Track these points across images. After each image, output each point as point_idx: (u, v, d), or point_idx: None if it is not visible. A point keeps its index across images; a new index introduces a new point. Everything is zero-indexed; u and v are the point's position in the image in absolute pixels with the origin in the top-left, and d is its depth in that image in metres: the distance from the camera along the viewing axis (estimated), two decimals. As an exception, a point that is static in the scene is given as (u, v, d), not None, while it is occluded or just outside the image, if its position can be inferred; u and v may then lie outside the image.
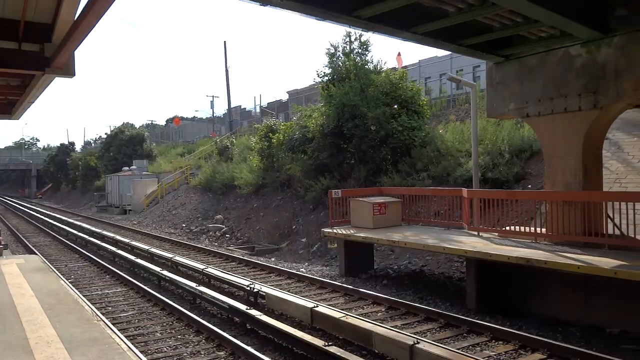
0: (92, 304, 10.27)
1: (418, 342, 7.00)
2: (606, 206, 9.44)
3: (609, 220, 9.40)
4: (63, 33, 6.49)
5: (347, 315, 8.58)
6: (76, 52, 7.45)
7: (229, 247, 21.42)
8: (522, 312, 9.69)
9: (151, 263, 15.36)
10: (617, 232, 9.34)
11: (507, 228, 11.53)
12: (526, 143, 16.45)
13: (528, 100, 10.64)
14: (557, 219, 9.98)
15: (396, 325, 8.85)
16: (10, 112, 12.30)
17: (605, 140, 10.87)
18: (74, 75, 7.78)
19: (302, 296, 10.73)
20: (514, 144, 16.60)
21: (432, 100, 28.68)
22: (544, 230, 10.53)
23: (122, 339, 6.66)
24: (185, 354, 8.05)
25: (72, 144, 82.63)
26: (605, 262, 8.20)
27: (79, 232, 24.84)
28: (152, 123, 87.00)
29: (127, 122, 73.79)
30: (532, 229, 10.69)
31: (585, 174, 9.82)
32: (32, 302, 8.52)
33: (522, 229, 11.08)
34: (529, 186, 14.95)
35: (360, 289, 11.50)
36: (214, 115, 65.72)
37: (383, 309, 10.25)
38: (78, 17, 5.87)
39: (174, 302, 10.93)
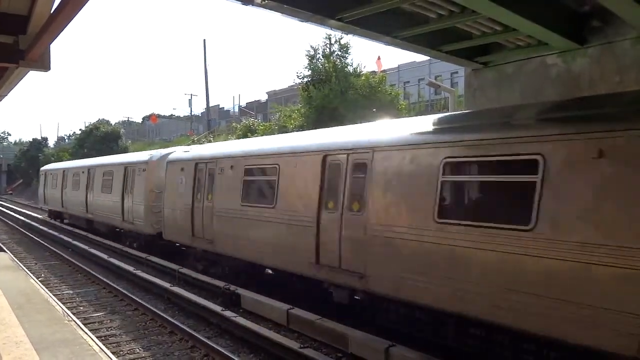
0: (62, 303, 10.07)
1: (394, 345, 7.04)
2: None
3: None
4: (39, 25, 6.34)
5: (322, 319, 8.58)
6: (52, 46, 7.29)
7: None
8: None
9: (124, 262, 15.10)
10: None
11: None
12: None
13: (505, 107, 10.78)
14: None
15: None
16: (-19, 105, 11.97)
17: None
18: (50, 69, 7.58)
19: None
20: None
21: (411, 104, 28.96)
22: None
23: (93, 340, 6.55)
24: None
25: (45, 139, 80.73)
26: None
27: (49, 229, 24.28)
28: (128, 120, 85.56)
29: (103, 119, 72.29)
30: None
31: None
32: (1, 301, 8.30)
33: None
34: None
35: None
36: (192, 113, 65.10)
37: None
38: (55, 9, 5.74)
39: (146, 302, 10.78)
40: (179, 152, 15.76)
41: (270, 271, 11.26)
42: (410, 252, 7.16)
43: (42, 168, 33.46)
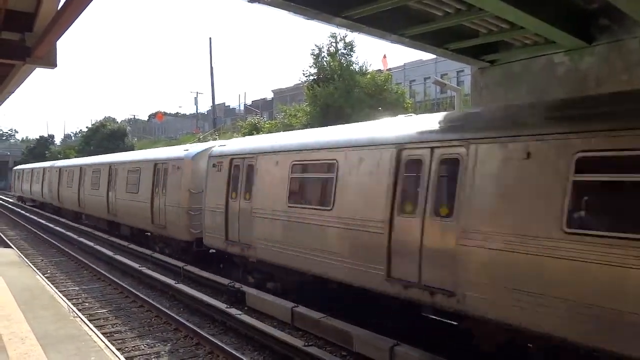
0: (68, 299, 10.10)
1: (398, 344, 7.02)
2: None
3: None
4: (45, 23, 6.35)
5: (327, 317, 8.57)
6: (58, 43, 7.30)
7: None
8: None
9: (129, 259, 15.16)
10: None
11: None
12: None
13: (511, 105, 10.71)
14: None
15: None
16: (-12, 103, 12.02)
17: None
18: (56, 66, 7.61)
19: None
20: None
21: (417, 103, 28.89)
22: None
23: (99, 336, 6.57)
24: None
25: (51, 136, 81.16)
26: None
27: (56, 225, 24.39)
28: (134, 118, 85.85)
29: (109, 116, 72.57)
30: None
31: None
32: (7, 297, 8.35)
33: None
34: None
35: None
36: (198, 111, 65.22)
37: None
38: (62, 6, 5.76)
39: (152, 299, 10.81)
40: (59, 162, 32.19)
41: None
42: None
43: (13, 168, 50.78)
